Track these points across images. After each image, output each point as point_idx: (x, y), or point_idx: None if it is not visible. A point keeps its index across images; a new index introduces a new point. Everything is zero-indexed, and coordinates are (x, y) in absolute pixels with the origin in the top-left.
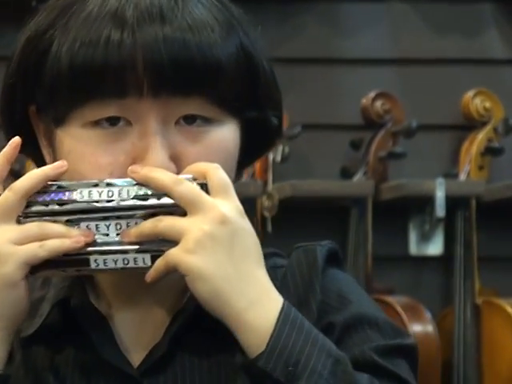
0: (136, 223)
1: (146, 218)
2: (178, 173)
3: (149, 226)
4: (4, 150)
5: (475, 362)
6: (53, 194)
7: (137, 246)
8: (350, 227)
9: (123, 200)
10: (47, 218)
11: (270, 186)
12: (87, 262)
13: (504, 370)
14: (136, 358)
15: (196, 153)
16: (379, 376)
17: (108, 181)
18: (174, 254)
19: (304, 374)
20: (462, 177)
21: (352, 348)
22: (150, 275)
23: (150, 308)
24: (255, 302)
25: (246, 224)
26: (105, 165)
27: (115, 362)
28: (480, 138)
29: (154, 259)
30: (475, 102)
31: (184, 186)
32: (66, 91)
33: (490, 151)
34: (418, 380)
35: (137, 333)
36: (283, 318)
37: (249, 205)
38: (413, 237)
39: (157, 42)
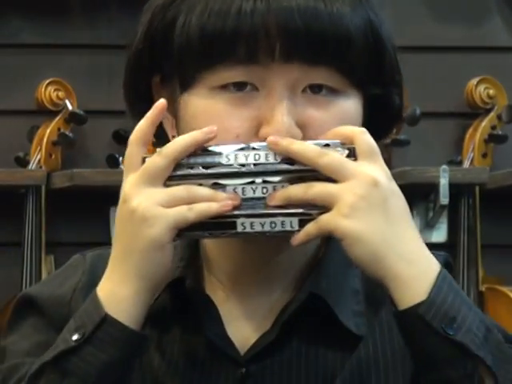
0: (283, 187)
1: (291, 181)
2: (303, 139)
3: (298, 190)
4: (149, 112)
5: None
6: (199, 158)
7: (284, 210)
8: None
9: (270, 164)
10: (193, 180)
11: None
12: (234, 225)
13: None
14: (243, 343)
15: (322, 120)
16: None
17: (254, 145)
18: (329, 219)
19: (460, 331)
20: (466, 164)
21: None
22: (298, 238)
23: (262, 298)
24: (414, 262)
25: (395, 187)
26: (231, 128)
27: (222, 346)
28: (483, 125)
29: (301, 223)
30: (479, 89)
31: (328, 157)
32: (195, 57)
33: (493, 138)
34: None
35: (246, 320)
36: (442, 277)
37: None
38: (416, 224)
39: (291, 9)
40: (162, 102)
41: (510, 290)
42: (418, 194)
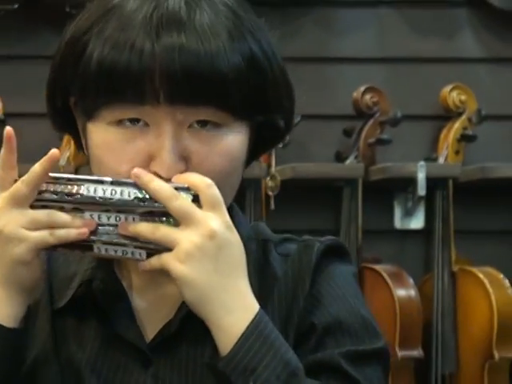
0: (133, 218)
1: (142, 214)
2: (185, 171)
3: (147, 230)
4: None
5: (451, 321)
6: (63, 186)
7: (135, 243)
8: (342, 205)
9: (124, 199)
10: (56, 204)
11: (273, 169)
12: (91, 248)
13: (476, 327)
14: (151, 333)
15: (204, 154)
16: (340, 381)
17: (112, 179)
18: (167, 260)
19: (258, 381)
20: (441, 160)
21: (325, 351)
22: (144, 266)
23: (167, 287)
24: (232, 311)
25: (232, 237)
26: (126, 160)
27: (128, 337)
28: (456, 126)
29: (148, 255)
30: (452, 95)
31: (179, 201)
32: (93, 93)
33: (464, 138)
34: (402, 344)
35: (154, 309)
36: (252, 327)
37: (255, 185)
38: (397, 213)
39: (172, 51)
40: (9, 131)
41: (478, 270)
42: (398, 187)
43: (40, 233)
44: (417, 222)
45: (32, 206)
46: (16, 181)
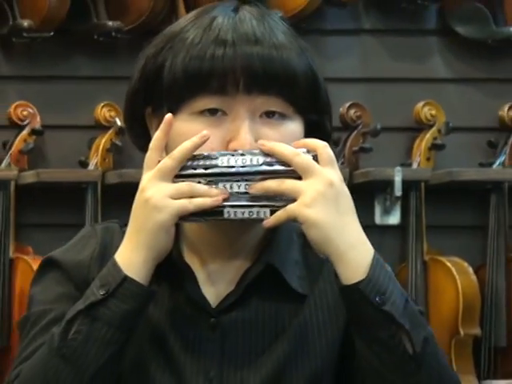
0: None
1: (267, 179)
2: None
3: (274, 184)
4: (161, 125)
5: (423, 303)
6: (201, 161)
7: (259, 203)
8: None
9: (254, 166)
10: (194, 178)
11: None
12: (221, 213)
13: (444, 308)
14: (214, 299)
15: (274, 138)
16: None
17: (241, 151)
18: (294, 208)
19: (388, 302)
20: (414, 166)
21: None
22: (270, 222)
23: (228, 266)
24: (354, 246)
25: (345, 188)
26: (207, 144)
27: (199, 301)
28: (427, 137)
29: (271, 213)
30: (424, 110)
31: (301, 157)
32: (179, 90)
33: (435, 147)
34: None
35: (216, 282)
36: (375, 260)
37: None
38: (377, 210)
39: (251, 55)
40: (169, 116)
41: (446, 259)
42: (378, 188)
43: (181, 201)
44: (394, 219)
45: (173, 181)
46: (159, 161)
